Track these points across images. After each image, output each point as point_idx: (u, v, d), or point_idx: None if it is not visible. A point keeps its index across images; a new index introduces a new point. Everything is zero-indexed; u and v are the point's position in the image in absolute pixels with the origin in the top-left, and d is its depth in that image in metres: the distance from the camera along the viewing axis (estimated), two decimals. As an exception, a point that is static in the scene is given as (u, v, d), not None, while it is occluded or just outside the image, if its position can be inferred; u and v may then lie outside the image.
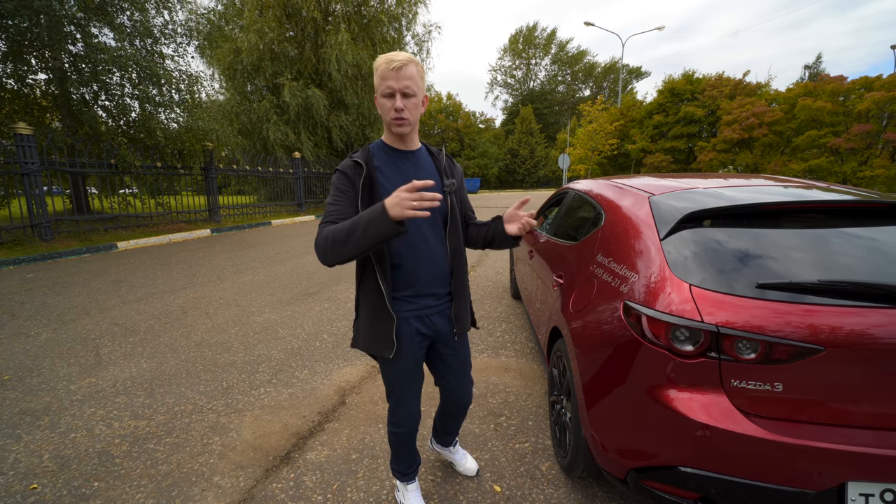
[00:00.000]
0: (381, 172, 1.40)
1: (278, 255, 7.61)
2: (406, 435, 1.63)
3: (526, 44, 59.26)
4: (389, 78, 1.27)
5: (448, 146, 49.08)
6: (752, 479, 1.23)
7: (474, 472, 1.99)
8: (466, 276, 1.58)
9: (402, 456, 1.70)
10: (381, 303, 1.39)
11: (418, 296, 1.45)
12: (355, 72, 15.37)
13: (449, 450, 2.02)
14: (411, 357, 1.48)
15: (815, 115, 14.84)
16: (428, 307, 1.47)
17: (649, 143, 20.36)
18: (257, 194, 15.08)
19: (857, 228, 1.48)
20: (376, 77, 1.31)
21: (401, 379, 1.52)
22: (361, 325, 1.48)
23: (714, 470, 1.27)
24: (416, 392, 1.59)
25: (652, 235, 1.66)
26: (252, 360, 3.26)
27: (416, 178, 1.21)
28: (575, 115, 47.56)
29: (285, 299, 4.86)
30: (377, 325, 1.41)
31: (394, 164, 1.42)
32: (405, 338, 1.44)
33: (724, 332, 1.26)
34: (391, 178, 1.39)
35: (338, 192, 1.36)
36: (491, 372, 3.09)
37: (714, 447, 1.27)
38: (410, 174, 1.40)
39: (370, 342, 1.44)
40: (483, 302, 4.77)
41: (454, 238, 1.49)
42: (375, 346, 1.43)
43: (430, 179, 1.15)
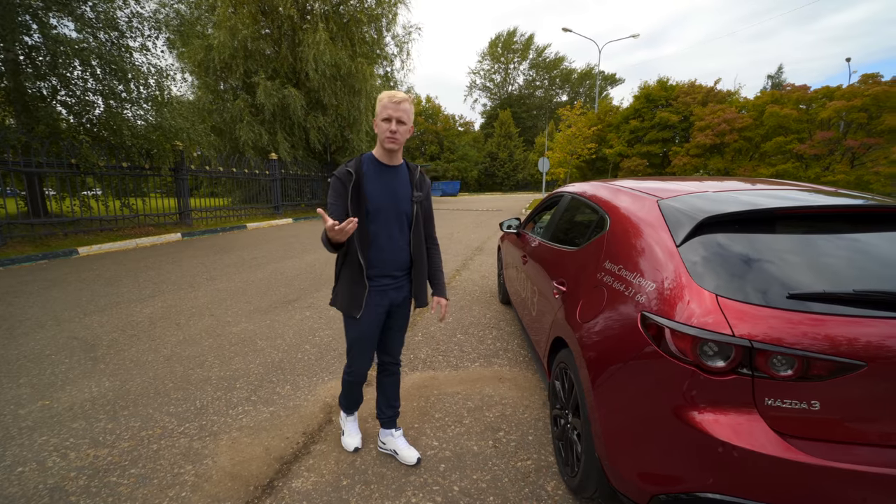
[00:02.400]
0: (368, 181, 1.80)
1: (254, 260, 7.28)
2: (359, 379, 2.10)
3: (505, 48, 59.87)
4: (390, 108, 1.71)
5: (427, 149, 48.93)
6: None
7: (414, 460, 2.13)
8: (424, 264, 2.03)
9: (352, 395, 2.19)
10: (360, 274, 1.84)
11: (380, 276, 1.91)
12: (333, 72, 15.04)
13: (392, 434, 2.20)
14: (373, 318, 1.93)
15: (782, 122, 15.49)
16: (386, 285, 1.93)
17: (626, 148, 20.80)
18: (231, 197, 14.50)
19: (882, 233, 1.43)
20: (379, 106, 1.72)
21: (361, 336, 1.95)
22: (341, 289, 1.91)
23: (749, 497, 1.17)
24: (372, 347, 2.03)
25: (666, 241, 1.56)
26: (228, 375, 3.02)
27: (395, 189, 1.85)
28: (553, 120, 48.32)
29: (263, 307, 4.60)
30: (354, 290, 1.85)
31: (379, 176, 1.83)
32: (368, 304, 1.89)
33: (759, 346, 1.16)
34: (375, 187, 1.81)
35: (335, 193, 1.80)
36: (485, 383, 2.96)
37: (750, 472, 1.17)
38: (391, 185, 1.85)
39: (345, 302, 1.88)
40: (471, 307, 4.65)
41: (415, 237, 1.95)
42: (348, 306, 1.87)
43: (403, 190, 1.87)
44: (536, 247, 2.95)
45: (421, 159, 48.74)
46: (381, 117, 1.71)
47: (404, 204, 1.87)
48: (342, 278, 1.90)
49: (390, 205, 1.84)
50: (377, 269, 1.87)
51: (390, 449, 2.18)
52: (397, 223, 1.87)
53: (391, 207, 1.84)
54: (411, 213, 1.90)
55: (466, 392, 2.83)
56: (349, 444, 2.22)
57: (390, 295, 1.94)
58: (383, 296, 1.92)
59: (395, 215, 1.85)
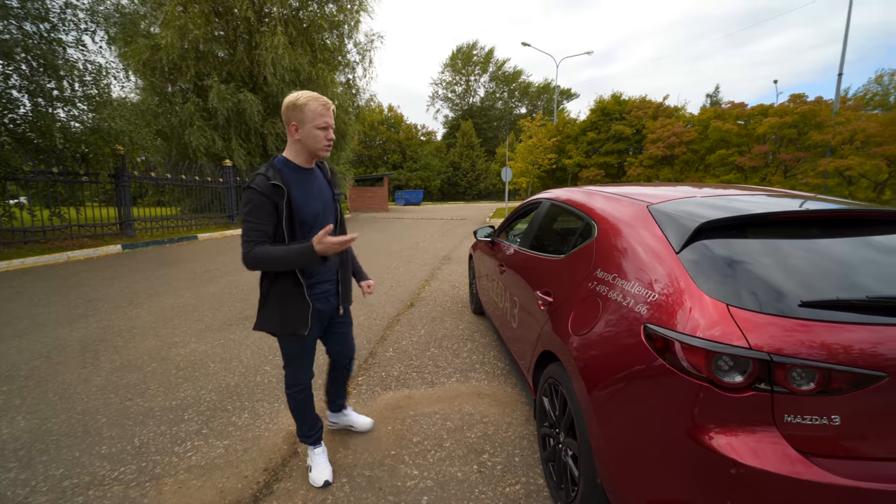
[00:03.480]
0: (295, 192, 1.70)
1: (206, 273, 6.73)
2: (305, 393, 1.97)
3: (465, 61, 60.96)
4: (326, 115, 1.68)
5: (390, 157, 48.59)
6: (818, 534, 1.05)
7: (370, 425, 2.33)
8: (350, 264, 2.06)
9: (307, 417, 2.02)
10: (300, 292, 1.75)
11: (319, 283, 1.85)
12: (293, 77, 14.54)
13: (343, 413, 2.34)
14: (316, 330, 1.90)
15: (724, 136, 16.66)
16: (325, 291, 1.88)
17: (584, 159, 21.61)
18: (180, 206, 13.53)
19: (881, 237, 1.41)
20: (310, 113, 1.64)
21: (305, 349, 1.88)
22: (274, 311, 1.76)
23: (774, 525, 1.08)
24: (313, 357, 1.96)
25: (664, 248, 1.48)
26: (175, 405, 2.66)
27: (320, 194, 1.80)
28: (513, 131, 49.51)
29: (216, 325, 4.19)
30: (296, 308, 1.75)
31: (301, 181, 1.74)
32: (313, 317, 1.82)
33: (778, 359, 1.08)
34: (301, 193, 1.72)
35: (258, 210, 1.61)
36: (463, 400, 2.79)
37: (772, 497, 1.07)
38: (313, 189, 1.78)
39: (285, 324, 1.76)
40: (443, 319, 4.47)
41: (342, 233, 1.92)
42: (292, 326, 1.77)
43: (325, 191, 1.83)
44: (515, 255, 2.83)
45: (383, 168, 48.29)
46: (317, 125, 1.66)
47: (330, 206, 1.86)
48: (274, 298, 1.75)
49: (321, 212, 1.79)
50: (314, 278, 1.83)
51: (345, 425, 2.32)
52: (337, 226, 1.88)
53: (322, 215, 1.80)
54: (337, 213, 1.90)
55: (445, 411, 2.65)
56: (318, 478, 1.97)
57: (331, 301, 1.94)
58: (326, 303, 1.90)
59: (321, 222, 1.78)
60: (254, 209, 1.60)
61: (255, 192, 1.60)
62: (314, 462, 2.02)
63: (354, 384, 3.01)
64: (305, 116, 1.64)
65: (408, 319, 4.49)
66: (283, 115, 1.67)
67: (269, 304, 1.76)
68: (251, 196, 1.60)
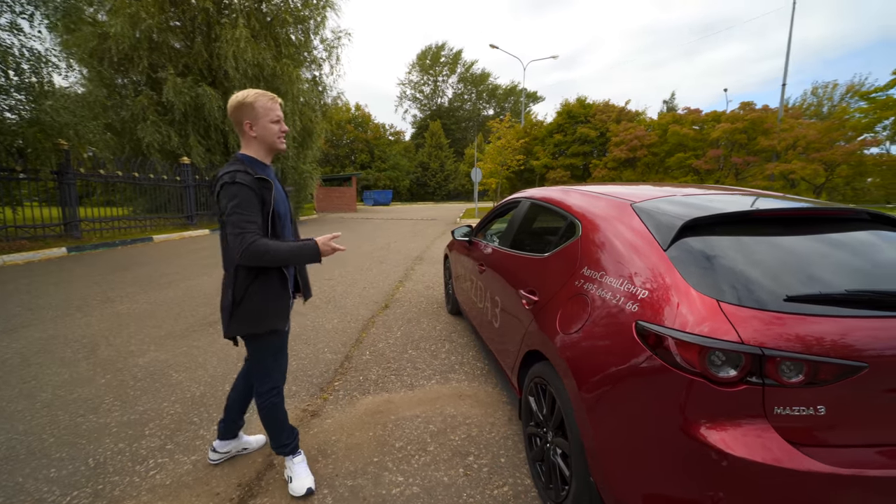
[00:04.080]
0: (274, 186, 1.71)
1: (164, 277, 6.33)
2: (281, 395, 1.89)
3: (433, 61, 60.97)
4: (276, 108, 1.70)
5: (358, 157, 47.84)
6: (809, 521, 1.09)
7: (264, 442, 2.20)
8: None
9: (284, 421, 1.92)
10: (283, 286, 1.76)
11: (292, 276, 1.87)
12: (256, 72, 13.98)
13: (238, 439, 2.12)
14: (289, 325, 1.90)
15: (682, 140, 17.55)
16: (293, 284, 1.88)
17: (551, 160, 22.13)
18: (133, 205, 12.68)
19: (851, 234, 1.49)
20: (259, 108, 1.66)
21: (282, 345, 1.86)
22: (255, 309, 1.69)
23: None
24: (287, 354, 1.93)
25: (652, 246, 1.50)
26: (134, 419, 2.46)
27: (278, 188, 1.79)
28: (481, 133, 49.98)
29: (177, 332, 3.94)
30: (279, 304, 1.75)
31: (273, 178, 1.75)
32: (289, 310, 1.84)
33: (769, 353, 1.11)
34: (278, 188, 1.77)
35: (249, 205, 1.59)
36: (445, 401, 2.75)
37: (765, 487, 1.09)
38: (279, 185, 1.81)
39: (269, 320, 1.73)
40: (419, 320, 4.41)
41: (295, 228, 1.96)
42: (274, 322, 1.74)
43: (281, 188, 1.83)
44: (495, 255, 2.82)
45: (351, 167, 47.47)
46: (270, 119, 1.68)
47: (287, 201, 1.89)
48: (257, 295, 1.69)
49: (288, 206, 1.85)
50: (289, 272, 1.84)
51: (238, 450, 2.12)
52: (288, 224, 1.87)
53: (288, 209, 1.85)
54: (290, 207, 1.92)
55: (426, 414, 2.59)
56: (300, 487, 1.85)
57: (293, 295, 1.94)
58: (292, 297, 1.89)
59: (289, 217, 1.86)
60: (242, 202, 1.56)
61: (242, 187, 1.57)
62: (294, 472, 1.91)
63: (331, 389, 2.90)
64: (258, 113, 1.66)
65: (383, 321, 4.39)
66: (233, 116, 1.67)
67: (249, 302, 1.67)
68: (238, 191, 1.56)
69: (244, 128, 1.66)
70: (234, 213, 1.55)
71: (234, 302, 1.67)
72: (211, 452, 2.07)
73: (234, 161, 1.65)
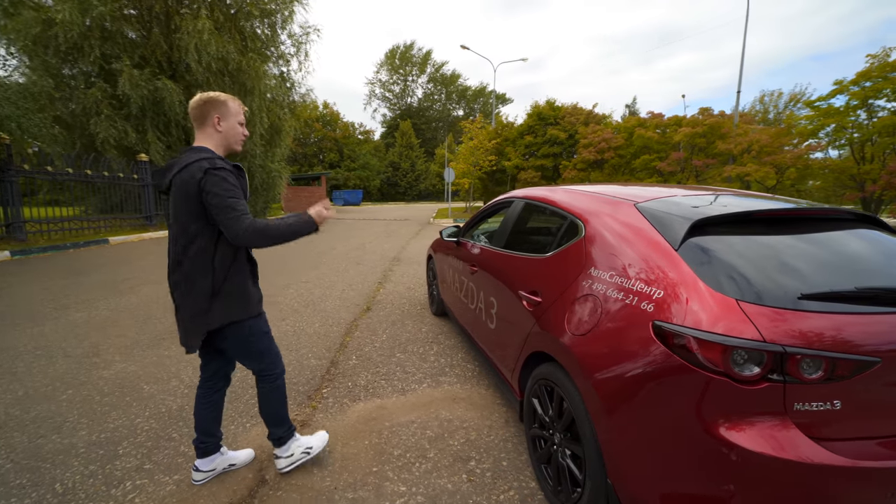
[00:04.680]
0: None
1: (125, 281, 5.92)
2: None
3: (403, 61, 60.57)
4: (241, 113, 1.82)
5: (327, 156, 46.81)
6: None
7: (252, 456, 2.12)
8: None
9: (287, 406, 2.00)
10: (254, 272, 1.87)
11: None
12: (221, 66, 13.36)
13: (222, 454, 2.00)
14: None
15: (647, 142, 18.28)
16: None
17: (522, 161, 22.46)
18: (84, 205, 11.79)
19: (848, 231, 1.55)
20: (231, 107, 1.75)
21: (268, 327, 1.90)
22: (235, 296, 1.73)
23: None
24: None
25: (662, 246, 1.51)
26: (105, 438, 2.26)
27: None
28: (451, 133, 50.12)
29: (145, 340, 3.67)
30: (254, 292, 1.82)
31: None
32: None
33: (791, 351, 1.13)
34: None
35: (236, 189, 1.63)
36: (439, 405, 2.69)
37: (789, 483, 1.11)
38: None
39: (249, 304, 1.78)
40: (404, 322, 4.33)
41: None
42: (257, 307, 1.82)
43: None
44: (489, 255, 2.79)
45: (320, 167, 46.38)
46: (239, 120, 1.79)
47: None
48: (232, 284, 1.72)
49: None
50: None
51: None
52: None
53: None
54: None
55: (422, 419, 2.53)
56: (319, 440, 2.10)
57: None
58: None
59: None
60: (230, 185, 1.59)
61: (228, 172, 1.62)
62: (305, 442, 2.05)
63: (320, 397, 2.78)
64: (230, 111, 1.74)
65: (366, 324, 4.28)
66: (199, 109, 1.69)
67: (234, 287, 1.72)
68: (226, 176, 1.60)
69: (212, 121, 1.71)
70: (227, 197, 1.56)
71: (215, 292, 1.66)
72: (195, 473, 1.92)
73: (197, 150, 1.65)
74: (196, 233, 1.62)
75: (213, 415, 1.92)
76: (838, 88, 14.25)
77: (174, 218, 1.65)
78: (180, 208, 1.61)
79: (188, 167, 1.58)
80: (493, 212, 3.32)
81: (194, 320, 1.68)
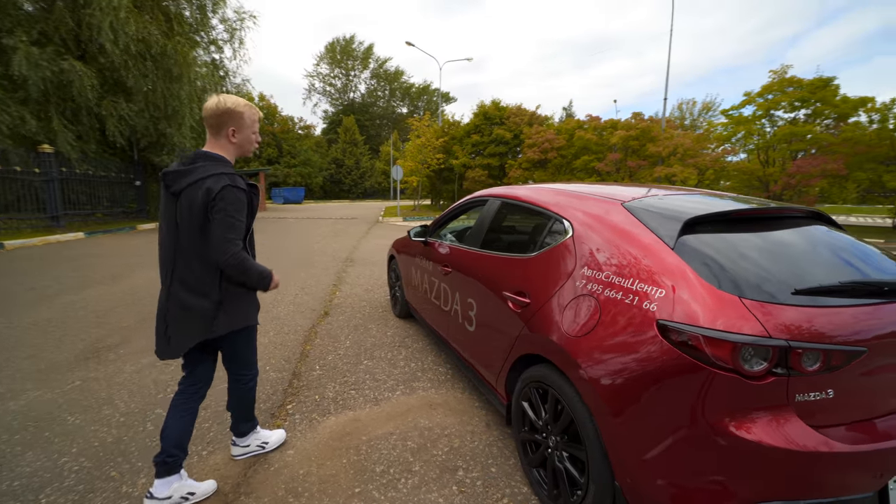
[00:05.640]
0: None
1: (32, 292, 5.09)
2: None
3: (344, 54, 58.76)
4: (257, 122, 1.82)
5: (264, 151, 44.10)
6: (831, 496, 1.17)
7: (284, 438, 2.25)
8: None
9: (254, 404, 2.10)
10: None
11: None
12: (142, 49, 12.01)
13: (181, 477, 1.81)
14: None
15: (587, 144, 19.29)
16: None
17: (469, 160, 22.71)
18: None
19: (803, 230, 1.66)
20: (247, 118, 1.75)
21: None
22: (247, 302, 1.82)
23: (802, 498, 1.16)
24: None
25: (658, 244, 1.52)
26: (19, 486, 1.87)
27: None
28: (396, 130, 49.52)
29: (63, 362, 3.16)
30: (253, 300, 1.86)
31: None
32: None
33: (795, 345, 1.17)
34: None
35: (243, 212, 1.67)
36: (417, 413, 2.58)
37: (797, 472, 1.16)
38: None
39: (249, 313, 1.85)
40: (367, 327, 4.13)
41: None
42: (255, 315, 1.89)
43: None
44: (464, 255, 2.71)
45: (257, 162, 43.63)
46: (254, 130, 1.81)
47: None
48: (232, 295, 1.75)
49: None
50: None
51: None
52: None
53: None
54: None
55: (401, 430, 2.40)
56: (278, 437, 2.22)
57: None
58: None
59: None
60: (242, 208, 1.66)
61: (243, 193, 1.66)
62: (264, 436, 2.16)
63: (285, 414, 2.54)
64: (245, 123, 1.75)
65: (326, 331, 4.03)
66: (218, 118, 1.69)
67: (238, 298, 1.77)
68: (241, 196, 1.65)
69: (226, 132, 1.72)
70: (233, 218, 1.61)
71: (221, 301, 1.70)
72: (147, 501, 1.69)
73: (216, 161, 1.68)
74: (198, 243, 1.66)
75: (189, 426, 1.83)
76: (747, 99, 16.01)
77: (183, 222, 1.63)
78: (194, 214, 1.61)
79: (208, 179, 1.61)
80: (462, 211, 3.25)
81: (196, 327, 1.68)
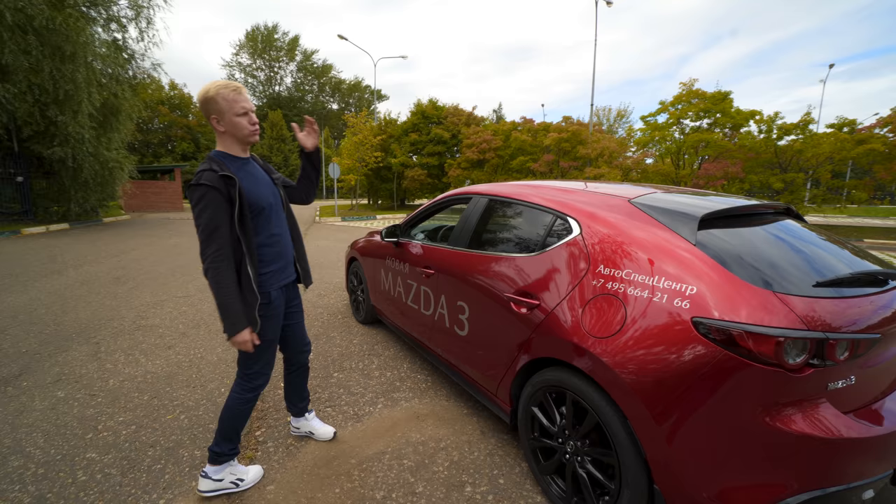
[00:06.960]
0: (243, 180, 1.66)
1: None
2: (261, 390, 1.87)
3: (266, 45, 55.15)
4: (239, 100, 1.63)
5: (178, 146, 39.89)
6: (859, 480, 1.23)
7: (331, 435, 2.25)
8: (302, 244, 2.03)
9: (241, 424, 1.86)
10: (250, 287, 1.66)
11: (286, 267, 1.87)
12: (22, 21, 10.14)
13: (306, 417, 2.24)
14: (280, 314, 1.86)
15: (522, 145, 20.06)
16: (290, 273, 1.91)
17: (408, 159, 22.49)
18: None
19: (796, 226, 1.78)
20: (221, 101, 1.60)
21: (272, 336, 1.83)
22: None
23: (841, 483, 1.21)
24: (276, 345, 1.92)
25: (679, 240, 1.52)
26: None
27: (264, 181, 1.79)
28: (327, 127, 47.58)
29: (-57, 404, 2.49)
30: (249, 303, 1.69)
31: (245, 172, 1.71)
32: (276, 300, 1.80)
33: (831, 337, 1.21)
34: (249, 182, 1.69)
35: (213, 207, 1.55)
36: (405, 427, 2.40)
37: (837, 459, 1.20)
38: (257, 178, 1.75)
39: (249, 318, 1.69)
40: (330, 336, 3.83)
41: (290, 216, 1.96)
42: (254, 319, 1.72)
43: (267, 178, 1.82)
44: (450, 256, 2.56)
45: (169, 157, 39.28)
46: (235, 112, 1.63)
47: (275, 192, 1.84)
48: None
49: (273, 200, 1.79)
50: (280, 262, 1.83)
51: (306, 431, 2.24)
52: (276, 216, 1.81)
53: (271, 203, 1.78)
54: (281, 197, 1.89)
55: (392, 447, 2.21)
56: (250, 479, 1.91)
57: (289, 290, 1.94)
58: (281, 291, 1.85)
59: (275, 208, 1.81)
60: (208, 206, 1.54)
61: (207, 188, 1.54)
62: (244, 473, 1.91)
63: (255, 443, 2.22)
64: (221, 107, 1.61)
65: (284, 342, 3.65)
66: (203, 110, 1.65)
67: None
68: (203, 193, 1.54)
69: (212, 122, 1.64)
70: (200, 217, 1.53)
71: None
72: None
73: (206, 160, 1.63)
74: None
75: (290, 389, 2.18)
76: (662, 108, 17.69)
77: None
78: None
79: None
80: (439, 209, 3.11)
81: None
